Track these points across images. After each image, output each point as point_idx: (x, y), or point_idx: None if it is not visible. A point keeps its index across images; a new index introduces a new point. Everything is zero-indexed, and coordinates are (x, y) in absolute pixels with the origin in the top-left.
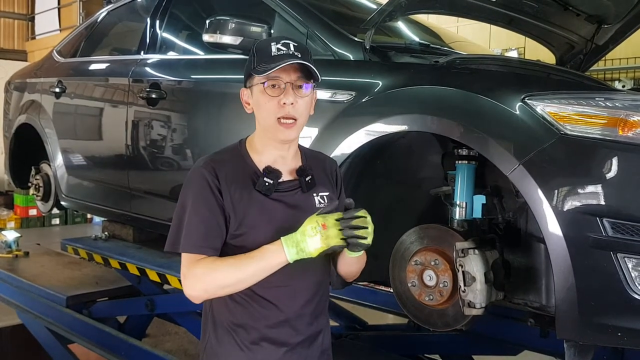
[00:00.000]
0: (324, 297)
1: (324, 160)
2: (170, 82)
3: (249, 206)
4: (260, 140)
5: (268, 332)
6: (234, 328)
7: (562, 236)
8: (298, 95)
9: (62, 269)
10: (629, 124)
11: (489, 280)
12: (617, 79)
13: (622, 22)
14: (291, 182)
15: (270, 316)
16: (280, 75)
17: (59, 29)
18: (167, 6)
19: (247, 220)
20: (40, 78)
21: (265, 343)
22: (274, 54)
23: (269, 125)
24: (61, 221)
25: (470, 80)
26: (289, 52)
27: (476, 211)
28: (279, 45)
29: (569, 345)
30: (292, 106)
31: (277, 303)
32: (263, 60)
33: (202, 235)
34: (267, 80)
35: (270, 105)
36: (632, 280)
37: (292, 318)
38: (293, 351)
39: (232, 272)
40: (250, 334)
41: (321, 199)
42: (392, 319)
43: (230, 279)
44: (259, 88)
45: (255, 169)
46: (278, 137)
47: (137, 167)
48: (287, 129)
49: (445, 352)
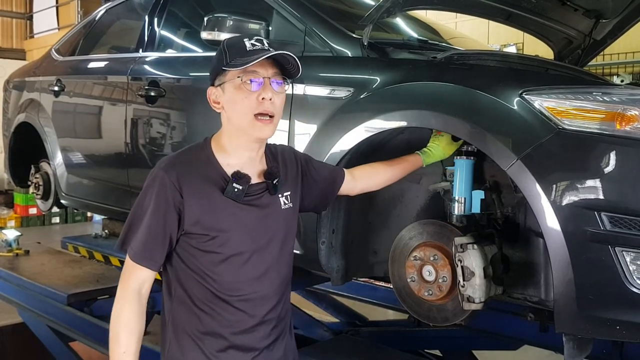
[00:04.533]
0: (287, 298)
1: (282, 152)
2: (169, 80)
3: (216, 211)
4: (230, 140)
5: (236, 338)
6: (200, 337)
7: (560, 230)
8: (274, 93)
9: (63, 267)
10: (627, 118)
11: (487, 275)
12: (616, 74)
13: (620, 17)
14: (259, 185)
15: (239, 323)
16: (258, 70)
17: (57, 28)
18: (165, 4)
19: (216, 225)
20: (39, 77)
21: (233, 350)
22: (249, 49)
23: (244, 122)
24: (61, 219)
25: (469, 76)
26: (264, 47)
27: (475, 206)
28: (252, 41)
29: (568, 339)
30: (270, 102)
31: (246, 310)
32: (237, 55)
33: (148, 246)
34: (244, 74)
35: (248, 101)
36: (630, 273)
37: (261, 322)
38: (259, 355)
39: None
40: (217, 341)
41: (286, 199)
42: (392, 315)
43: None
44: (233, 84)
45: (222, 172)
46: (254, 135)
47: (136, 165)
48: (265, 125)
49: (445, 347)
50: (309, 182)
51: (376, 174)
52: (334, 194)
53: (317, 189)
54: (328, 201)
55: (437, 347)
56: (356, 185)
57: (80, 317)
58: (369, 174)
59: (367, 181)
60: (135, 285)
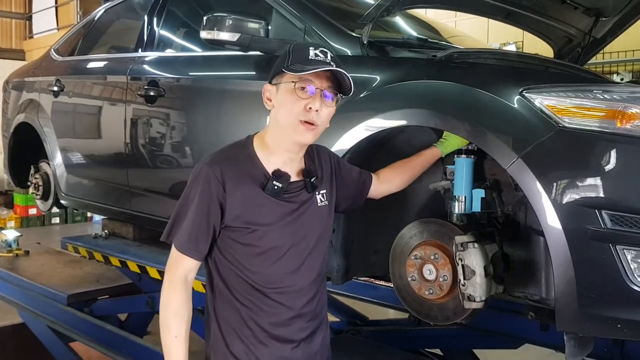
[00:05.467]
0: (324, 291)
1: (319, 152)
2: (169, 80)
3: (257, 207)
4: (273, 139)
5: (274, 330)
6: (241, 328)
7: (561, 229)
8: (324, 104)
9: (63, 268)
10: (627, 116)
11: (488, 274)
12: (616, 72)
13: (619, 15)
14: (298, 183)
15: (277, 315)
16: (313, 80)
17: (56, 28)
18: (165, 3)
19: (255, 220)
20: (38, 77)
21: (272, 341)
22: (311, 57)
23: (288, 124)
24: (61, 220)
25: (469, 74)
26: (326, 60)
27: (475, 205)
28: (317, 51)
29: (569, 338)
30: (316, 113)
31: (283, 302)
32: (299, 61)
33: (194, 237)
34: (299, 80)
35: (296, 106)
36: (632, 272)
37: (297, 315)
38: (298, 347)
39: (163, 326)
40: (257, 333)
41: (322, 197)
42: (393, 314)
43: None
44: (287, 87)
45: (263, 170)
46: (294, 139)
47: (136, 165)
48: (307, 130)
49: (445, 346)
50: (340, 183)
51: (396, 175)
52: (363, 196)
53: (348, 190)
54: (359, 203)
55: (438, 346)
56: (380, 188)
57: (80, 317)
58: (390, 177)
59: (389, 184)
60: (181, 274)
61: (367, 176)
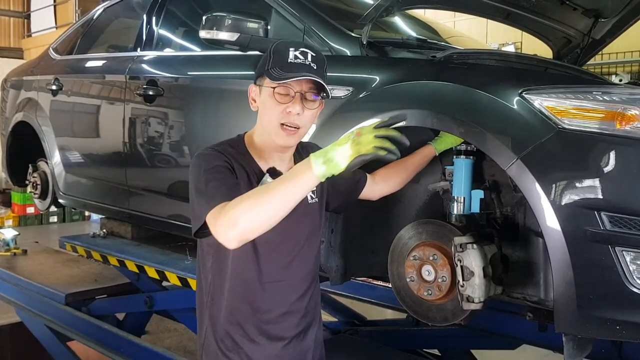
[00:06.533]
0: (316, 289)
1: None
2: (167, 79)
3: None
4: (260, 139)
5: (265, 327)
6: (231, 326)
7: (560, 230)
8: (306, 107)
9: (61, 267)
10: (627, 118)
11: (487, 275)
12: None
13: (618, 16)
14: None
15: (269, 311)
16: (292, 84)
17: (55, 27)
18: (164, 3)
19: None
20: (37, 76)
21: (263, 338)
22: (290, 60)
23: (271, 128)
24: (59, 219)
25: (468, 75)
26: (306, 62)
27: (474, 206)
28: (297, 53)
29: (568, 339)
30: (297, 116)
31: (275, 297)
32: (278, 65)
33: (224, 193)
34: (277, 86)
35: (276, 110)
36: (630, 273)
37: (288, 312)
38: (289, 345)
39: (260, 196)
40: (248, 330)
41: (312, 194)
42: (391, 314)
43: (259, 204)
44: (268, 91)
45: (257, 166)
46: (277, 142)
47: (134, 164)
48: (289, 135)
49: (443, 347)
50: (332, 181)
51: (392, 174)
52: (356, 195)
53: (340, 188)
54: (350, 202)
55: (436, 347)
56: (376, 188)
57: (78, 317)
58: (386, 176)
59: (385, 184)
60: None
61: (361, 175)
